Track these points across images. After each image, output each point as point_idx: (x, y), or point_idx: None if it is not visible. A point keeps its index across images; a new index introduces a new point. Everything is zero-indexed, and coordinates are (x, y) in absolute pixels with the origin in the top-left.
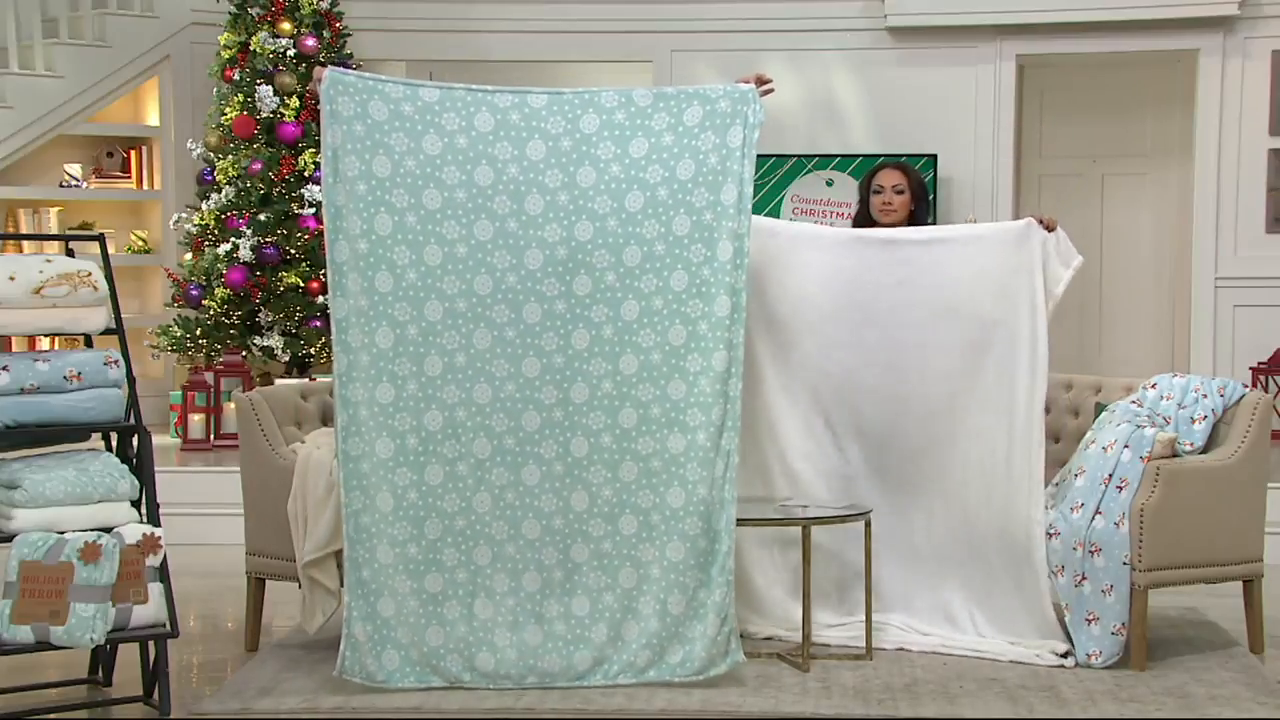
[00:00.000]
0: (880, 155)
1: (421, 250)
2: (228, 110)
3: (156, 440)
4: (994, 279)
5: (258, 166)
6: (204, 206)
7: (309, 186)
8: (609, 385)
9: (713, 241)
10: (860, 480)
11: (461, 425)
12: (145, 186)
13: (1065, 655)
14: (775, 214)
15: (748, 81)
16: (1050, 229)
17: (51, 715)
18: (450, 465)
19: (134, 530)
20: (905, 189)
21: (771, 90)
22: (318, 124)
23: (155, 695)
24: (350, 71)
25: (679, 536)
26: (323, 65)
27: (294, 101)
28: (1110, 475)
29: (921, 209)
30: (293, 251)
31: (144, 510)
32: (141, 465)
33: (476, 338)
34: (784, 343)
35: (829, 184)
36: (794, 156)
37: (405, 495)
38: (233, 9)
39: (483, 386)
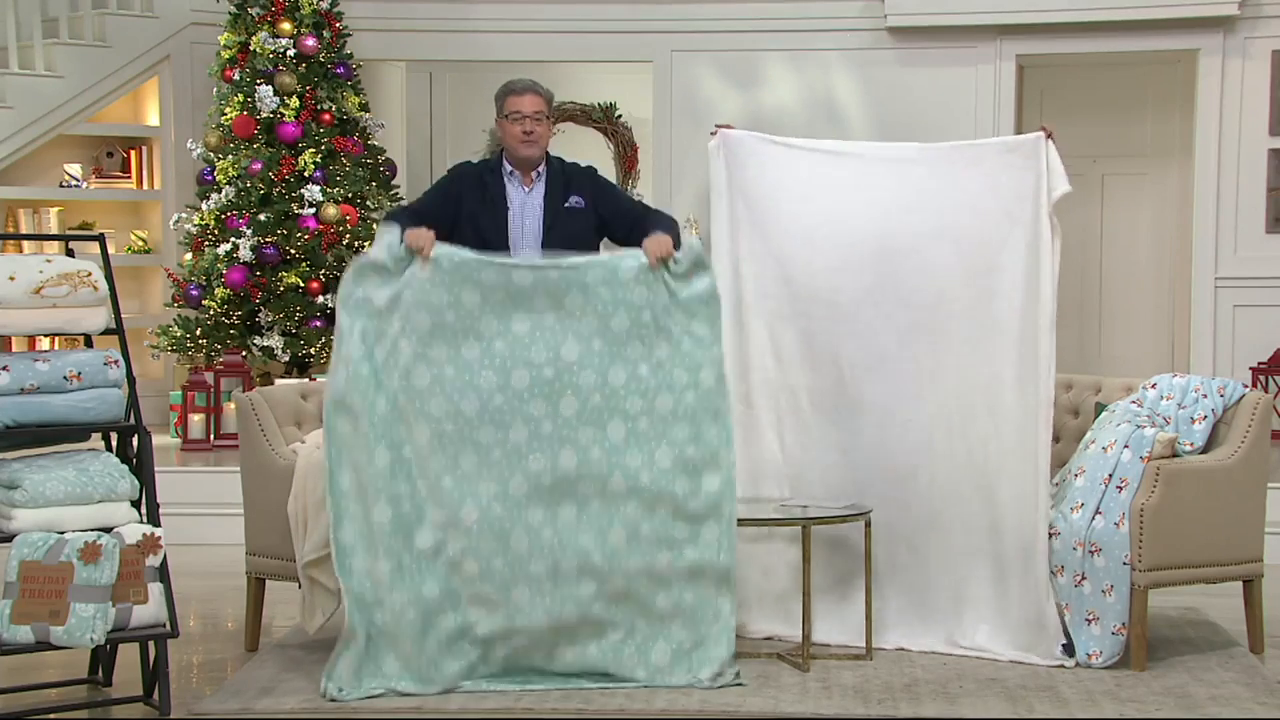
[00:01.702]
0: None
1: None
2: (228, 110)
3: (156, 440)
4: (1003, 203)
5: (258, 166)
6: (204, 206)
7: (309, 186)
8: (597, 504)
9: (695, 369)
10: (862, 467)
11: (456, 543)
12: (145, 186)
13: (1065, 648)
14: None
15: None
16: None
17: (52, 715)
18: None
19: (134, 530)
20: None
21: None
22: (317, 124)
23: (155, 695)
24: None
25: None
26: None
27: (294, 101)
28: (1110, 475)
29: None
30: (293, 251)
31: (144, 510)
32: (141, 465)
33: (463, 459)
34: (793, 272)
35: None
36: None
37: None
38: (233, 9)
39: (469, 507)
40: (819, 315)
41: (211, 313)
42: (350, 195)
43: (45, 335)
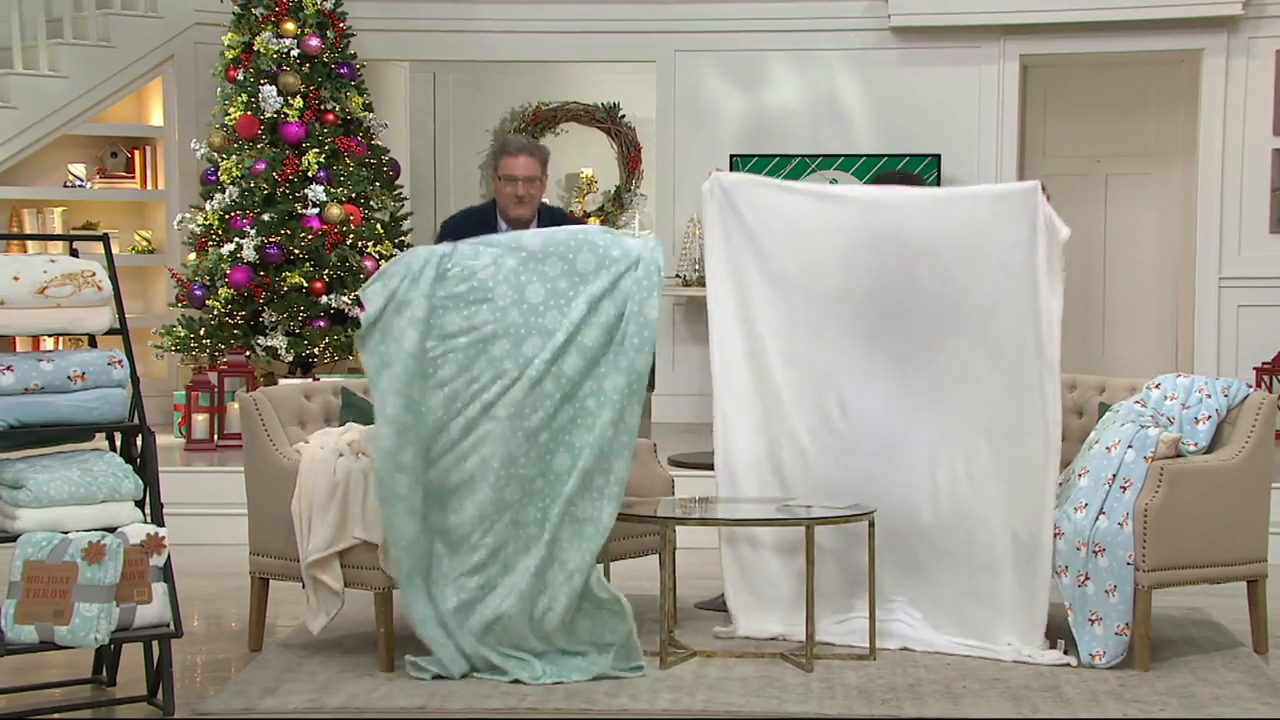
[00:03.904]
0: (884, 155)
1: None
2: (231, 110)
3: (160, 440)
4: (995, 252)
5: (261, 166)
6: (208, 206)
7: (312, 186)
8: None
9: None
10: (863, 461)
11: None
12: (149, 186)
13: (1066, 653)
14: None
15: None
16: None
17: (55, 715)
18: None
19: (138, 530)
20: None
21: None
22: (320, 124)
23: (159, 695)
24: None
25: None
26: None
27: (297, 102)
28: (1114, 475)
29: None
30: (296, 251)
31: (148, 510)
32: (145, 465)
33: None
34: (790, 315)
35: (833, 184)
36: (798, 156)
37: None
38: (236, 9)
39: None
40: (813, 356)
41: (215, 313)
42: (354, 195)
43: (49, 335)
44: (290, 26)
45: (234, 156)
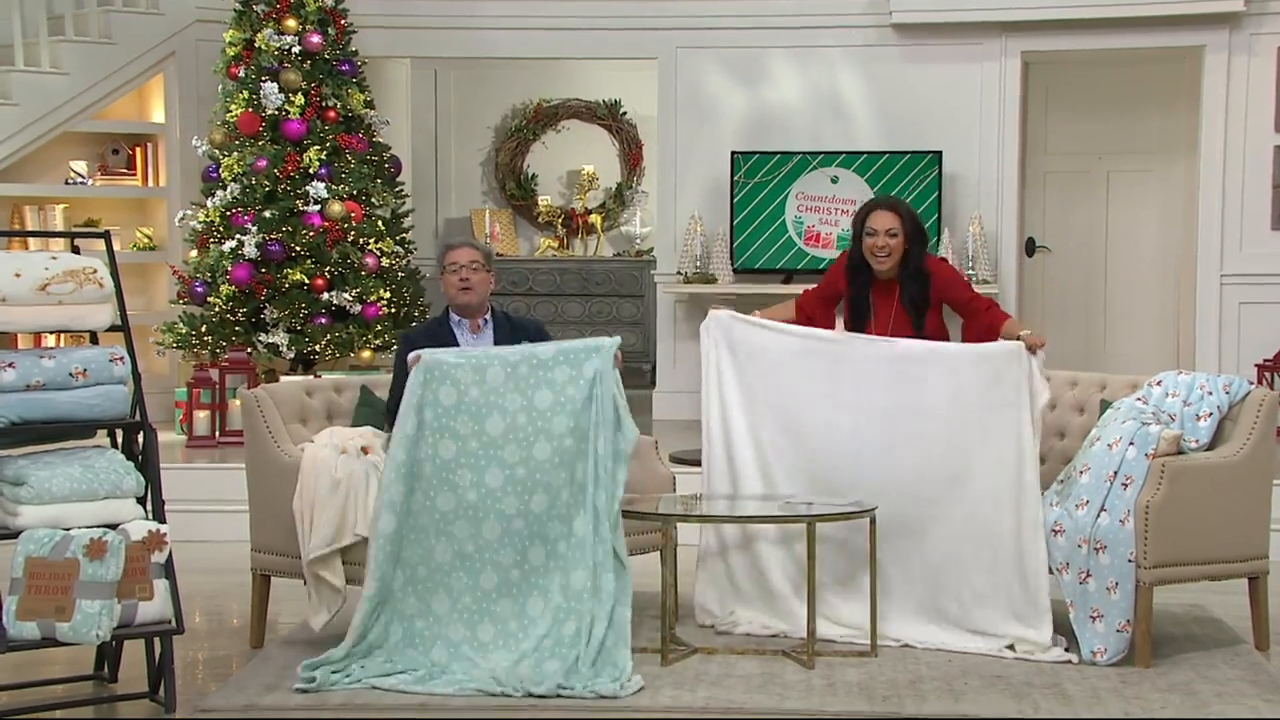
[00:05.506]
0: (885, 152)
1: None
2: (233, 107)
3: (161, 437)
4: (978, 411)
5: (263, 163)
6: (209, 203)
7: (313, 183)
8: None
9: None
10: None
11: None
12: (150, 183)
13: (1067, 649)
14: (780, 212)
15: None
16: (1037, 348)
17: (57, 712)
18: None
19: (139, 527)
20: (899, 231)
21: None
22: (322, 121)
23: (160, 691)
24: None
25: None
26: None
27: (299, 98)
28: (1115, 472)
29: (917, 249)
30: (297, 248)
31: (149, 507)
32: (147, 462)
33: (438, 550)
34: (767, 464)
35: (834, 181)
36: (799, 154)
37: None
38: (238, 6)
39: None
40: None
41: (216, 309)
42: (355, 192)
43: (51, 332)
44: (291, 23)
45: (235, 153)
